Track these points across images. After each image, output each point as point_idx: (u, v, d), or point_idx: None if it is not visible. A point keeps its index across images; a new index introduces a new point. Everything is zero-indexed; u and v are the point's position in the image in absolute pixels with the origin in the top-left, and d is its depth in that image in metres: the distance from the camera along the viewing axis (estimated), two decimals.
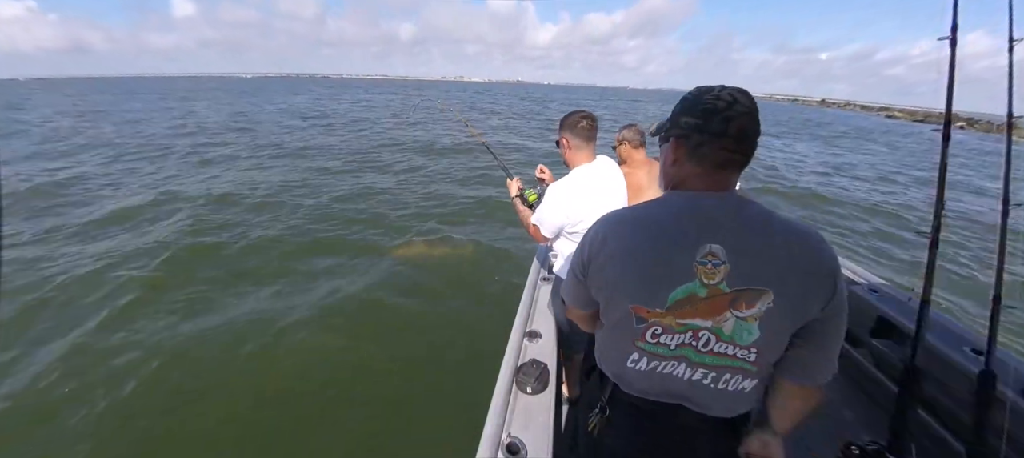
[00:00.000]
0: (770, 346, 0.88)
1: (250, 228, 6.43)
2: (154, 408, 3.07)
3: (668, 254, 0.85)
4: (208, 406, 3.13)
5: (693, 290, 0.84)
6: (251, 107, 29.02)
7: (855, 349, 2.32)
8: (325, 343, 3.91)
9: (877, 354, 2.19)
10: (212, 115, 22.89)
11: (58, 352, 3.55)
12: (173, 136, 15.24)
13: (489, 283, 5.01)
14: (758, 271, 0.82)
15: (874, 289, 2.32)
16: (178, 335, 3.88)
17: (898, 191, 10.57)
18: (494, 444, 1.24)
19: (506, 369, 1.56)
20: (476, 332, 4.04)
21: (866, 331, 2.25)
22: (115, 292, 4.49)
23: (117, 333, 3.85)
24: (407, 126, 19.48)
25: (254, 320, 4.18)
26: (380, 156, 12.63)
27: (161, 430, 2.91)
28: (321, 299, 4.65)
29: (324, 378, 3.51)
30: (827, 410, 2.12)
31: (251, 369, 3.58)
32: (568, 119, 1.70)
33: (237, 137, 15.34)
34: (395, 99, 42.54)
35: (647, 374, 0.95)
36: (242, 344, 3.79)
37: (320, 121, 21.15)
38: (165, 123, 19.29)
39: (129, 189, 8.26)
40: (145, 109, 26.47)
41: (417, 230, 6.74)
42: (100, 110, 25.92)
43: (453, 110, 2.69)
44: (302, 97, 42.42)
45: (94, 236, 5.96)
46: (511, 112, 30.79)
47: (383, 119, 22.77)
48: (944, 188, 1.29)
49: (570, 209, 1.67)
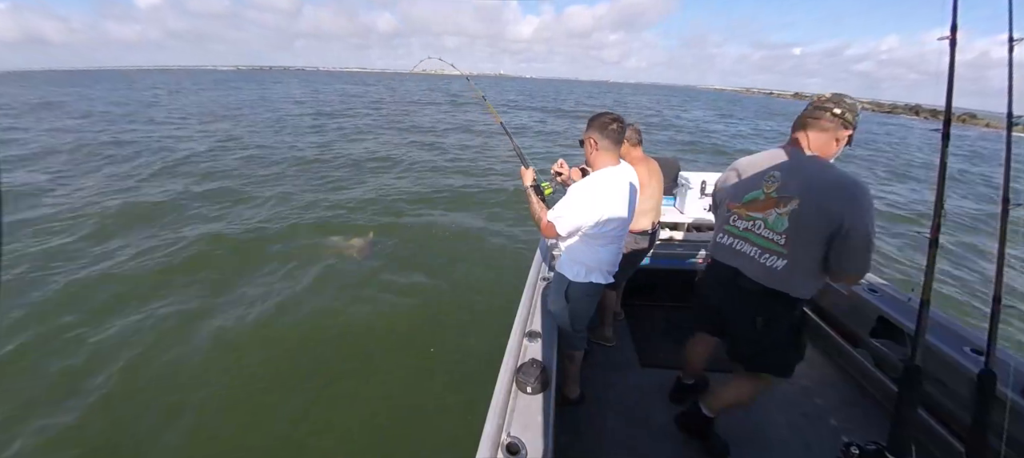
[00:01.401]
0: (796, 236, 1.46)
1: (190, 223, 6.40)
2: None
3: (754, 176, 1.61)
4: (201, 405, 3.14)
5: (757, 195, 1.57)
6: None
7: (855, 349, 2.32)
8: (325, 344, 3.91)
9: (877, 354, 2.19)
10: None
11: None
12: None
13: (489, 283, 5.01)
14: (792, 187, 1.47)
15: (874, 289, 2.32)
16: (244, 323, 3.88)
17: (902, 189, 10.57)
18: (494, 444, 1.24)
19: (506, 369, 1.56)
20: (476, 331, 4.04)
21: (866, 331, 2.25)
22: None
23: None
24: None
25: (250, 317, 4.18)
26: (373, 149, 12.62)
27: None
28: (319, 295, 4.65)
29: (324, 378, 3.50)
30: (827, 410, 2.12)
31: (250, 367, 3.58)
32: (598, 120, 1.66)
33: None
34: (418, 89, 41.56)
35: (724, 246, 1.67)
36: (226, 336, 3.81)
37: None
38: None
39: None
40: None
41: (416, 227, 6.74)
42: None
43: (472, 91, 2.72)
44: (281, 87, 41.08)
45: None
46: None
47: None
48: (944, 188, 1.29)
49: (594, 211, 1.63)
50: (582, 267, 1.78)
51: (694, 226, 2.84)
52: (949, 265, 5.59)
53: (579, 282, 1.79)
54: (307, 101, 30.54)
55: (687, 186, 2.75)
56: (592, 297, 1.84)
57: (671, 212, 2.87)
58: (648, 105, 39.98)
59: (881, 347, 2.17)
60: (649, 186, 2.28)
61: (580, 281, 1.79)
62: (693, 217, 2.78)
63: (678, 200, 2.92)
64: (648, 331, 2.67)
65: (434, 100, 33.95)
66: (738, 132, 23.36)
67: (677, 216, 2.84)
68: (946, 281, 5.12)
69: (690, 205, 2.77)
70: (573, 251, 1.79)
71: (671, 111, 35.12)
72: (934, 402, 1.77)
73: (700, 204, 2.76)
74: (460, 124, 19.71)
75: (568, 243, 1.80)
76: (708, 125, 25.67)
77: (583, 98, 47.67)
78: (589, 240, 1.72)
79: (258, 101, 29.33)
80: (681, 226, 2.86)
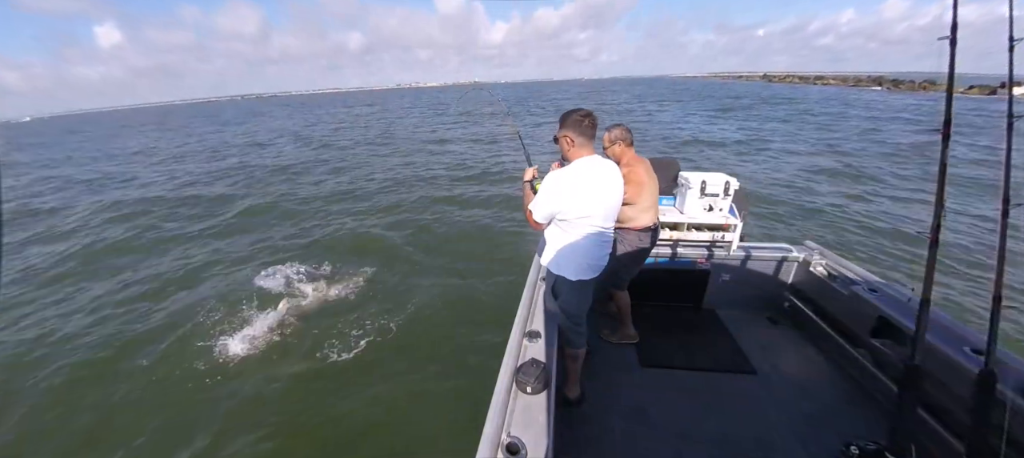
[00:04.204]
0: None
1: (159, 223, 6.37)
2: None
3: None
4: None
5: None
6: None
7: (855, 349, 2.31)
8: (325, 341, 3.91)
9: (877, 354, 2.19)
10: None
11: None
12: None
13: (489, 282, 5.01)
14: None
15: (874, 289, 2.31)
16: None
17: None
18: (494, 444, 1.24)
19: (506, 369, 1.55)
20: (476, 331, 4.04)
21: (866, 331, 2.25)
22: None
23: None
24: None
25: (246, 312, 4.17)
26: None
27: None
28: (322, 295, 4.65)
29: (323, 377, 3.50)
30: (827, 410, 2.12)
31: (250, 366, 3.58)
32: (570, 117, 1.73)
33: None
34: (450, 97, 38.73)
35: None
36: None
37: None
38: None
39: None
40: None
41: (416, 228, 6.74)
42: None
43: (496, 104, 2.80)
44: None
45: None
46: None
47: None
48: (944, 188, 1.28)
49: (562, 197, 1.68)
50: (563, 259, 1.80)
51: (694, 226, 2.84)
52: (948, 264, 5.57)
53: (563, 277, 1.82)
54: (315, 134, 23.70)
55: (687, 186, 2.75)
56: (580, 292, 1.85)
57: (671, 212, 2.87)
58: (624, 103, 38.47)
59: (881, 347, 2.16)
60: (650, 182, 2.33)
61: (563, 276, 1.82)
62: (693, 217, 2.78)
63: (678, 200, 2.92)
64: (648, 331, 2.67)
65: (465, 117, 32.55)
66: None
67: (677, 216, 2.83)
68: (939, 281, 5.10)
69: (690, 205, 2.77)
70: (553, 240, 1.83)
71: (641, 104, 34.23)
72: (934, 402, 1.76)
73: (700, 204, 2.76)
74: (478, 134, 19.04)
75: (550, 234, 1.84)
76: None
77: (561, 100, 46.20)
78: (567, 228, 1.75)
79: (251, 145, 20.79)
80: (681, 226, 2.85)
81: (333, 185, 10.26)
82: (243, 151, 17.82)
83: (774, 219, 7.12)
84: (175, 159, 16.95)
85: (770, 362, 2.46)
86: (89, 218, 8.72)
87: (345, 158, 14.20)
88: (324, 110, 47.36)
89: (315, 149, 17.10)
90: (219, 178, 11.93)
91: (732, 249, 2.81)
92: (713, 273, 2.89)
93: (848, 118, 20.81)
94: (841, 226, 6.72)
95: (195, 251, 6.48)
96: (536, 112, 30.24)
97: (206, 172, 13.24)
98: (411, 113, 31.78)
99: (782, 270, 2.84)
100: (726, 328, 2.78)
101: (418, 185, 9.88)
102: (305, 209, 8.33)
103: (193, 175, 12.85)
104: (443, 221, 7.25)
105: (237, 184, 11.09)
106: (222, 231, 7.36)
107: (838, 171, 10.15)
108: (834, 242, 6.01)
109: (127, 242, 7.10)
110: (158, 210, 8.90)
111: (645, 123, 20.89)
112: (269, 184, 10.78)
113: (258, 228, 7.34)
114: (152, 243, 6.96)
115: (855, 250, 5.81)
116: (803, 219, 7.12)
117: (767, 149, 13.32)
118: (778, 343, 2.64)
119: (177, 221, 8.12)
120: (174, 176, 12.96)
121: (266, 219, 7.84)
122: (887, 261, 5.50)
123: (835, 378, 2.33)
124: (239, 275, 5.44)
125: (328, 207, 8.36)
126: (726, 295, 2.93)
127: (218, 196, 9.78)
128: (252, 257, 6.04)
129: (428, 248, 6.09)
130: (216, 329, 4.14)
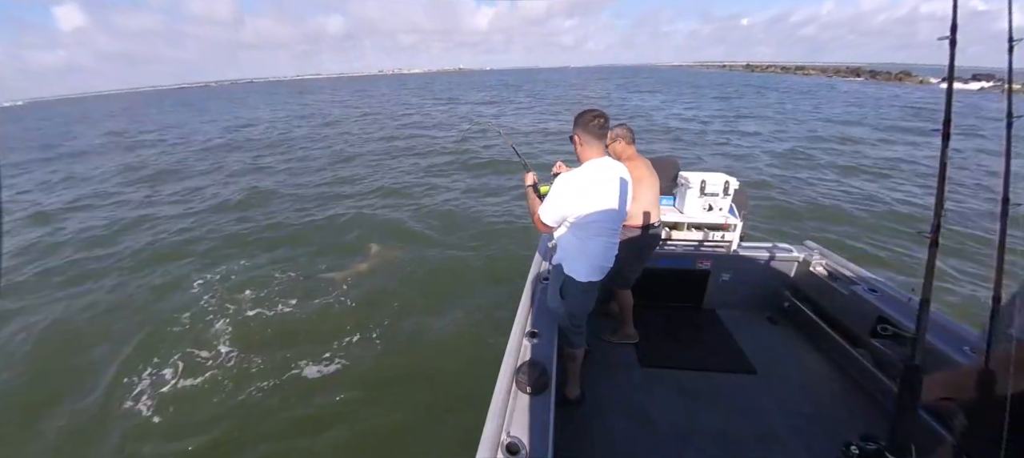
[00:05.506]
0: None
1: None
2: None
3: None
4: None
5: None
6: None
7: (855, 349, 2.31)
8: (324, 341, 3.91)
9: (877, 354, 2.19)
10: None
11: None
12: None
13: (489, 282, 5.01)
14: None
15: (874, 289, 2.31)
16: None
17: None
18: (494, 444, 1.24)
19: (506, 369, 1.55)
20: (475, 331, 4.03)
21: (866, 331, 2.25)
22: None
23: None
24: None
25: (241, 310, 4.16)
26: None
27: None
28: (324, 296, 4.65)
29: (322, 377, 3.50)
30: (827, 410, 2.12)
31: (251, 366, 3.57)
32: (582, 117, 1.75)
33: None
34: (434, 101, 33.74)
35: None
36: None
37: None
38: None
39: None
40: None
41: (417, 231, 6.73)
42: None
43: (491, 126, 2.77)
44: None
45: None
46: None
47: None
48: (944, 187, 1.28)
49: (573, 199, 1.70)
50: (573, 261, 1.81)
51: (694, 226, 2.84)
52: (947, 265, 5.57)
53: (572, 278, 1.82)
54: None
55: (686, 186, 2.75)
56: (587, 293, 1.86)
57: (671, 212, 2.87)
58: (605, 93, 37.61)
59: (881, 347, 2.17)
60: (651, 179, 2.36)
61: (573, 277, 1.82)
62: (693, 217, 2.78)
63: (678, 200, 2.92)
64: (648, 331, 2.67)
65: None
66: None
67: (677, 216, 2.84)
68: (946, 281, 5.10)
69: (690, 205, 2.77)
70: (563, 242, 1.84)
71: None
72: (934, 402, 1.76)
73: (700, 204, 2.76)
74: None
75: (560, 236, 1.85)
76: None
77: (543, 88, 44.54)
78: (577, 230, 1.76)
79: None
80: (681, 226, 2.86)
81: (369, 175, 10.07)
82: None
83: (775, 215, 7.12)
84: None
85: (770, 362, 2.46)
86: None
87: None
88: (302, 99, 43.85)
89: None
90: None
91: (732, 249, 2.81)
92: (713, 273, 2.89)
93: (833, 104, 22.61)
94: (835, 216, 6.81)
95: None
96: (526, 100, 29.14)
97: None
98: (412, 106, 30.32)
99: (782, 270, 2.85)
100: (726, 328, 2.78)
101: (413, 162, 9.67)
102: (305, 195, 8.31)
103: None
104: (445, 207, 7.24)
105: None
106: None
107: (830, 162, 10.22)
108: (832, 240, 6.01)
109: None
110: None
111: (648, 120, 20.64)
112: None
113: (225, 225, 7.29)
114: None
115: (851, 247, 5.81)
116: (798, 218, 7.12)
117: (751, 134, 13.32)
118: (778, 343, 2.64)
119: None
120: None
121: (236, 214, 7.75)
122: (887, 259, 5.50)
123: (835, 378, 2.33)
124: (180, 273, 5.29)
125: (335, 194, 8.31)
126: (726, 295, 2.94)
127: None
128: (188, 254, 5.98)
129: (429, 235, 6.08)
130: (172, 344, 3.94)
